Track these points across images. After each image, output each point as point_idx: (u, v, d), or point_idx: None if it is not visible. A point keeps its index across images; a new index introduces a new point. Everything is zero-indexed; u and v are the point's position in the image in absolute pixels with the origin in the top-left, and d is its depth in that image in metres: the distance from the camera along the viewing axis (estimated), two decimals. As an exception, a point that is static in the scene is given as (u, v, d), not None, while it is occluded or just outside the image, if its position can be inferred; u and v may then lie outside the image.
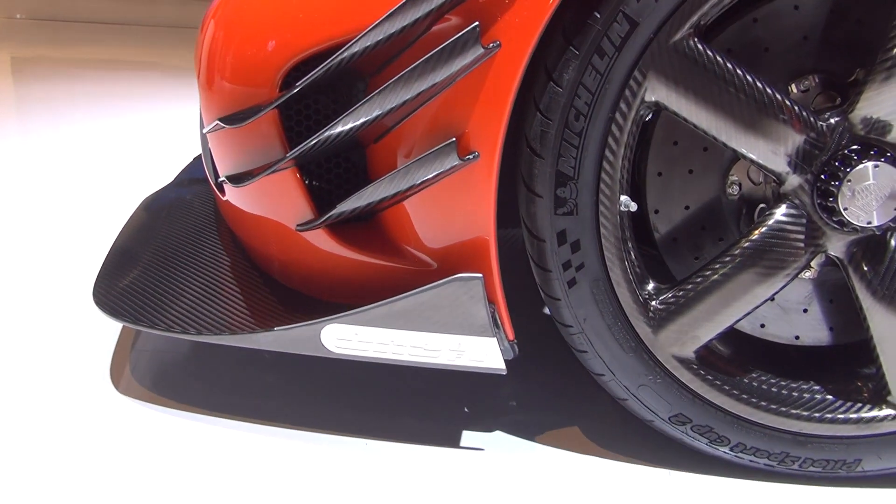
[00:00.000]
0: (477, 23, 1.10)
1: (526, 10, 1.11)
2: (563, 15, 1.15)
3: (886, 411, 1.27)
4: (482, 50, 1.11)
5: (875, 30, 1.18)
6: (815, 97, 1.26)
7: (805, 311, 1.35)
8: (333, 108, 1.29)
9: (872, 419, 1.27)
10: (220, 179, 1.35)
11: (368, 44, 1.15)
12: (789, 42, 1.25)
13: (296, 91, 1.19)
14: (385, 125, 1.23)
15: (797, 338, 1.36)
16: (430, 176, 1.18)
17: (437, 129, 1.19)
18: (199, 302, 1.35)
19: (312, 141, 1.19)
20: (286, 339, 1.27)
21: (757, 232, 1.21)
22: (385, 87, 1.15)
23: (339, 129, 1.18)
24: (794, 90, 1.26)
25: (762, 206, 1.28)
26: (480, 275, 1.18)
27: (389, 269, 1.29)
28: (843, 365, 1.35)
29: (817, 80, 1.26)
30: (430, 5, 1.11)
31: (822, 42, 1.25)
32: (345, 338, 1.25)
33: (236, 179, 1.29)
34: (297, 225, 1.28)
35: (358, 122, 1.17)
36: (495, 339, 1.22)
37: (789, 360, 1.36)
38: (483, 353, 1.24)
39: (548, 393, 1.51)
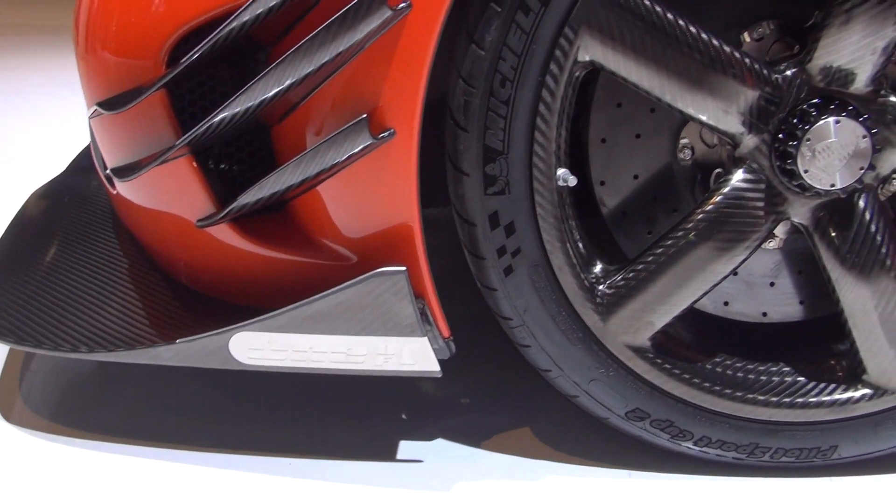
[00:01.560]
0: (384, 3, 0.96)
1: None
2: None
3: (862, 391, 1.15)
4: (390, 12, 0.96)
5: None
6: (772, 45, 1.12)
7: (772, 284, 1.23)
8: (231, 85, 1.14)
9: (848, 401, 1.15)
10: (107, 172, 1.20)
11: (260, 10, 1.00)
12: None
13: (181, 69, 1.03)
14: (289, 102, 1.07)
15: (765, 315, 1.24)
16: (342, 158, 1.03)
17: (347, 104, 1.03)
18: (92, 313, 1.19)
19: (205, 125, 1.03)
20: (191, 353, 1.12)
21: (712, 201, 1.09)
22: (283, 60, 1.00)
23: (234, 109, 1.02)
24: (748, 38, 1.12)
25: (718, 170, 1.15)
26: (404, 268, 1.04)
27: (305, 266, 1.14)
28: (815, 342, 1.22)
29: (773, 27, 1.12)
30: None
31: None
32: (257, 347, 1.10)
33: (123, 172, 1.13)
34: (198, 220, 1.13)
35: (255, 102, 1.02)
36: (426, 338, 1.08)
37: (757, 341, 1.24)
38: (414, 355, 1.10)
39: (494, 390, 1.38)
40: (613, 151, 1.17)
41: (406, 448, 1.23)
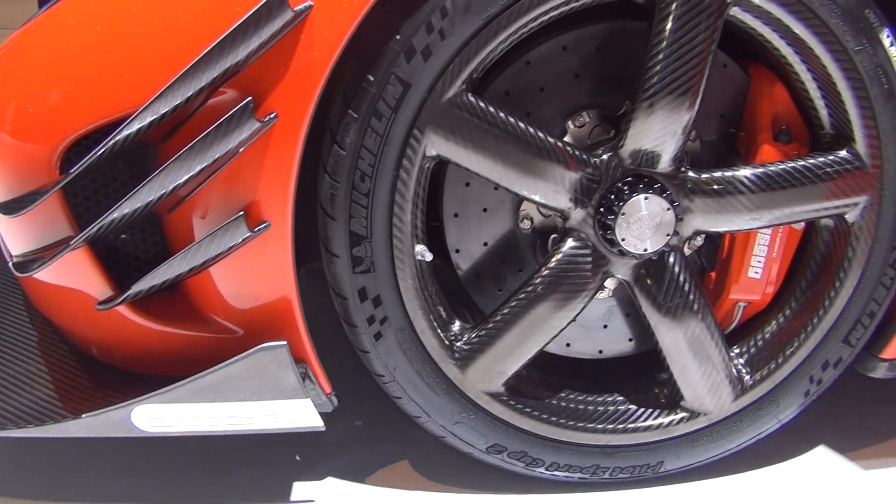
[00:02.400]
0: (250, 98, 1.10)
1: (299, 79, 1.11)
2: (341, 79, 1.17)
3: (681, 414, 1.37)
4: (258, 124, 1.11)
5: (638, 64, 1.26)
6: (592, 130, 1.33)
7: (605, 326, 1.44)
8: (122, 180, 1.25)
9: (670, 423, 1.37)
10: (11, 262, 1.29)
11: (151, 118, 1.11)
12: (562, 81, 1.31)
13: (74, 175, 1.14)
14: (177, 197, 1.20)
15: (601, 352, 1.45)
16: (223, 250, 1.17)
17: (227, 200, 1.17)
18: (2, 389, 1.29)
19: (98, 225, 1.15)
20: (97, 425, 1.23)
21: (549, 264, 1.28)
22: (167, 166, 1.12)
23: (123, 210, 1.14)
24: (572, 126, 1.32)
25: (554, 236, 1.35)
26: (285, 342, 1.19)
27: (198, 339, 1.27)
28: (642, 374, 1.44)
29: (592, 115, 1.32)
30: (201, 83, 1.09)
31: (592, 79, 1.32)
32: (158, 416, 1.23)
33: (23, 266, 1.23)
34: (97, 304, 1.24)
35: (142, 203, 1.13)
36: (309, 399, 1.24)
37: (595, 375, 1.45)
38: (299, 413, 1.25)
39: (377, 425, 1.54)
40: (465, 223, 1.35)
41: (300, 490, 1.38)
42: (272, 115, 1.11)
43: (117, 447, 1.46)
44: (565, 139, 1.32)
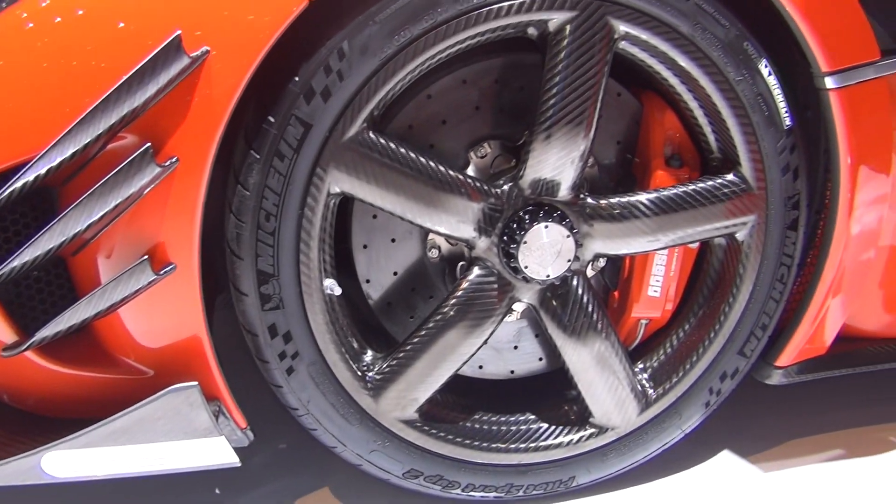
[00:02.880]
0: (149, 144, 1.10)
1: (199, 123, 1.11)
2: (243, 120, 1.18)
3: (590, 430, 1.43)
4: (158, 169, 1.11)
5: (534, 95, 1.30)
6: (495, 160, 1.37)
7: (516, 347, 1.48)
8: (23, 223, 1.24)
9: (580, 439, 1.42)
10: None
11: (51, 164, 1.10)
12: (463, 113, 1.35)
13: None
14: (81, 240, 1.19)
15: (512, 372, 1.49)
16: (129, 293, 1.16)
17: (132, 243, 1.17)
18: None
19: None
20: (6, 474, 1.22)
21: (456, 294, 1.31)
22: (68, 212, 1.11)
23: (25, 257, 1.13)
24: (474, 157, 1.36)
25: (462, 263, 1.39)
26: (195, 383, 1.19)
27: (108, 381, 1.27)
28: (553, 391, 1.49)
29: (493, 146, 1.36)
30: (98, 129, 1.09)
31: (492, 110, 1.36)
32: (69, 462, 1.22)
33: (-79, 316, 1.21)
34: (3, 350, 1.23)
35: (43, 250, 1.12)
36: (223, 436, 1.24)
37: (508, 395, 1.49)
38: (214, 451, 1.25)
39: (296, 451, 1.55)
40: (374, 254, 1.37)
41: (219, 524, 1.39)
42: (173, 160, 1.11)
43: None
44: (468, 170, 1.35)
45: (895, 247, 1.46)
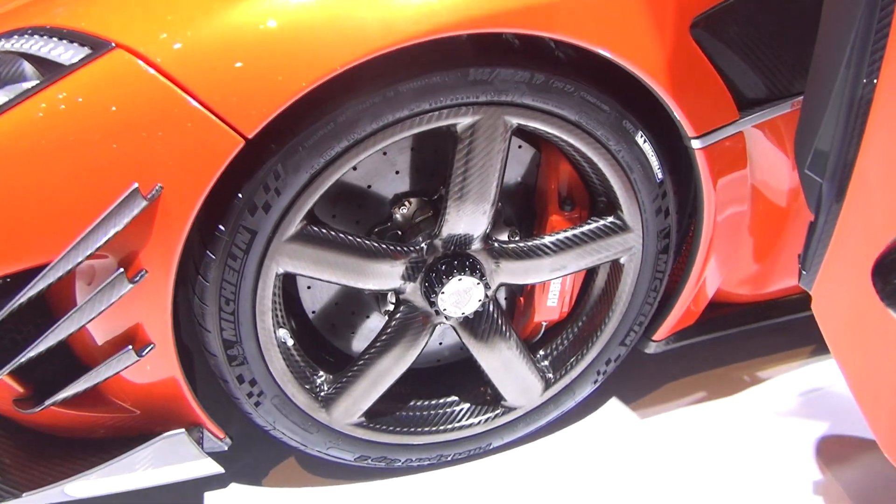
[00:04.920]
0: (122, 269, 1.30)
1: (162, 240, 1.31)
2: (201, 229, 1.37)
3: (502, 409, 1.77)
4: (130, 285, 1.32)
5: (447, 155, 1.50)
6: (415, 212, 1.59)
7: (440, 343, 1.79)
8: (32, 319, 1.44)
9: (495, 416, 1.77)
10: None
11: (42, 287, 1.30)
12: (386, 178, 1.56)
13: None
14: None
15: (438, 361, 1.81)
16: (119, 369, 1.41)
17: (119, 331, 1.40)
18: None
19: (9, 368, 1.36)
20: (35, 498, 1.52)
21: (388, 329, 1.59)
22: (68, 317, 1.32)
23: (30, 353, 1.36)
24: (398, 212, 1.58)
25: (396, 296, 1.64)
26: (182, 430, 1.48)
27: (106, 418, 1.55)
28: (472, 375, 1.80)
29: (413, 202, 1.58)
30: (78, 258, 1.28)
31: (411, 172, 1.57)
32: (85, 486, 1.52)
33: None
34: (16, 405, 1.48)
35: (45, 346, 1.35)
36: (209, 458, 1.55)
37: (435, 381, 1.80)
38: (201, 466, 1.57)
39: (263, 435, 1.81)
40: (317, 293, 1.63)
41: (210, 498, 1.74)
42: (142, 273, 1.32)
43: None
44: (395, 219, 1.59)
45: (743, 246, 1.78)
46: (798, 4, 1.47)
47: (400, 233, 1.59)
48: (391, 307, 1.65)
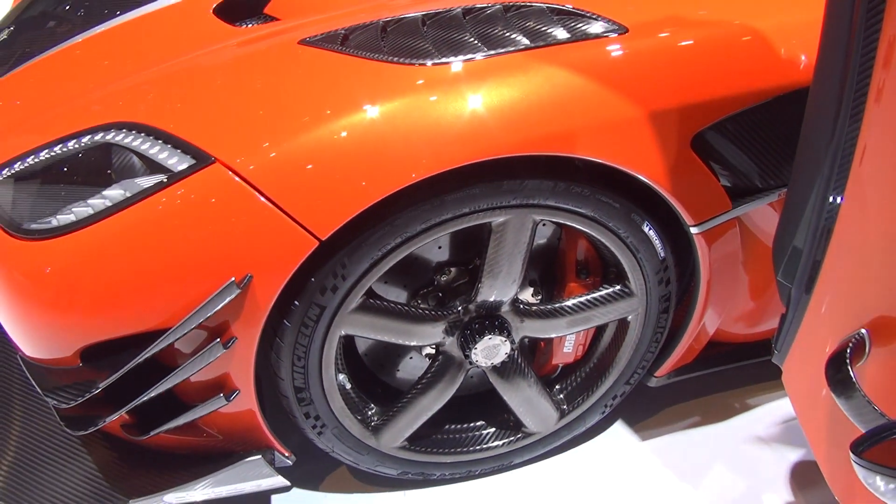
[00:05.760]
0: (218, 339, 1.61)
1: (249, 315, 1.61)
2: (278, 301, 1.66)
3: (522, 434, 2.08)
4: (224, 349, 1.63)
5: (481, 235, 1.78)
6: (454, 278, 1.88)
7: (471, 377, 2.09)
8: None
9: (516, 440, 2.08)
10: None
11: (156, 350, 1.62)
12: (431, 251, 1.85)
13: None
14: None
15: (470, 391, 2.11)
16: (212, 410, 1.73)
17: (212, 381, 1.71)
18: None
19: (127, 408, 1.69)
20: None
21: (430, 372, 1.90)
22: (182, 368, 1.65)
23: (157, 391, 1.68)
24: (440, 278, 1.87)
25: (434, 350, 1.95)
26: (259, 455, 1.81)
27: (198, 441, 1.87)
28: (497, 404, 2.10)
29: (453, 270, 1.87)
30: (192, 325, 1.59)
31: (451, 246, 1.85)
32: (181, 495, 1.86)
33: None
34: (127, 432, 1.81)
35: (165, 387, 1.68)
36: (279, 476, 1.88)
37: (465, 406, 2.11)
38: (273, 481, 1.90)
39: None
40: (374, 342, 1.93)
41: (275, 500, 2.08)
42: (233, 340, 1.63)
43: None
44: (437, 283, 1.88)
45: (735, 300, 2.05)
46: (778, 120, 1.72)
47: (441, 294, 1.89)
48: (432, 351, 1.96)
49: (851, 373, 1.42)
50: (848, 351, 1.45)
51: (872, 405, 1.39)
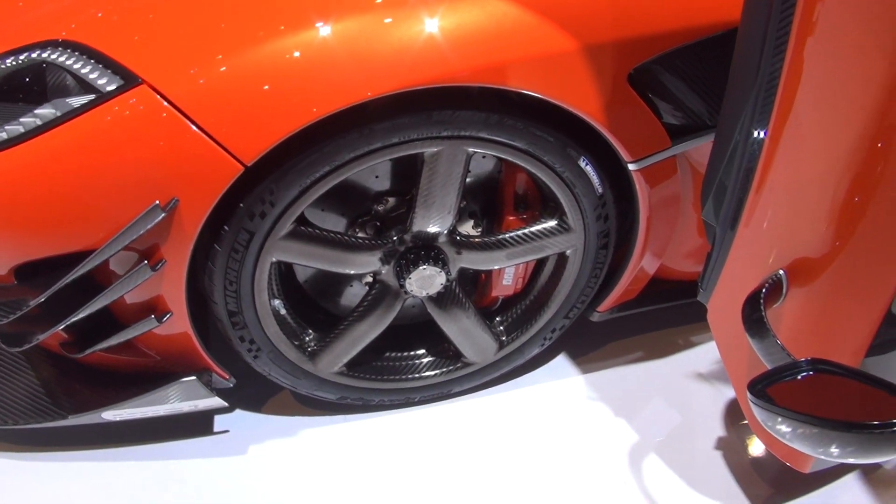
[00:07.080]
0: (146, 261, 1.62)
1: (178, 237, 1.61)
2: (210, 226, 1.67)
3: (462, 363, 2.11)
4: (152, 272, 1.64)
5: (417, 164, 1.77)
6: (392, 206, 1.87)
7: (413, 307, 2.10)
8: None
9: (456, 369, 2.11)
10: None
11: (88, 269, 1.63)
12: (368, 180, 1.83)
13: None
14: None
15: (411, 319, 2.13)
16: (143, 331, 1.75)
17: (145, 302, 1.73)
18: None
19: (62, 323, 1.70)
20: (80, 420, 1.90)
21: (366, 300, 1.92)
22: (110, 289, 1.66)
23: (80, 314, 1.70)
24: (378, 207, 1.86)
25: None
26: (194, 377, 1.83)
27: (136, 361, 1.90)
28: (437, 333, 2.11)
29: (390, 199, 1.86)
30: (118, 247, 1.59)
31: (389, 175, 1.84)
32: (118, 413, 1.89)
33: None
34: (66, 351, 1.83)
35: (93, 309, 1.69)
36: (216, 397, 1.91)
37: (406, 335, 2.13)
38: (210, 402, 1.93)
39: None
40: (306, 268, 1.93)
41: (218, 421, 2.11)
42: (162, 262, 1.64)
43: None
44: (375, 212, 1.88)
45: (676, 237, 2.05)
46: (718, 58, 1.69)
47: (379, 224, 1.89)
48: (370, 279, 1.97)
49: (764, 313, 1.43)
50: (763, 291, 1.46)
51: (781, 346, 1.40)
